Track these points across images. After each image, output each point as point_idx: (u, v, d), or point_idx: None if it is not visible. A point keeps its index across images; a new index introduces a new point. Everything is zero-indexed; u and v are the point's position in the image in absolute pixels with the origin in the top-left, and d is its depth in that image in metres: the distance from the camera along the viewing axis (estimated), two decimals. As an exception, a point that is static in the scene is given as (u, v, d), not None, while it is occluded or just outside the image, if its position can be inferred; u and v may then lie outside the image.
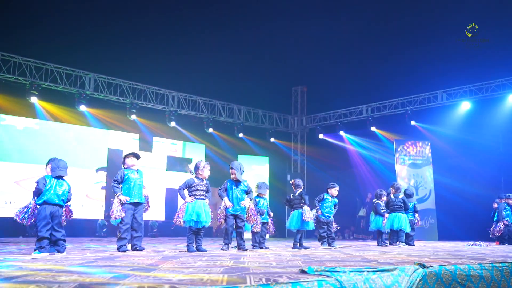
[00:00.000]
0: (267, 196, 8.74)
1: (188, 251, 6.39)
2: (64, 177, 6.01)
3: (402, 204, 9.51)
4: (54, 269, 3.70)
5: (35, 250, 5.68)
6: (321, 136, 18.49)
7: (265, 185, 8.61)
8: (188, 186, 6.73)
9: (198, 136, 17.64)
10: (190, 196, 6.68)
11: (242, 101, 17.91)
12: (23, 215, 5.84)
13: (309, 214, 8.12)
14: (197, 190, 6.69)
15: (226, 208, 7.10)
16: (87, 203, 14.36)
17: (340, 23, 16.97)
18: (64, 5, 15.02)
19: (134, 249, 6.59)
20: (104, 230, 14.52)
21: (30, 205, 5.89)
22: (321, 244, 8.54)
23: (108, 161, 15.50)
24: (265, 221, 8.48)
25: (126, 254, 5.47)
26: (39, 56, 13.64)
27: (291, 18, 17.50)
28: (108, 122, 15.69)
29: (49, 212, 5.73)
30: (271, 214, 8.77)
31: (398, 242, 9.28)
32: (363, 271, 3.32)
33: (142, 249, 6.60)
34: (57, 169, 5.87)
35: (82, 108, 14.38)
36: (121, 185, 6.62)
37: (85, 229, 14.27)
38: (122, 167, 6.89)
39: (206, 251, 6.48)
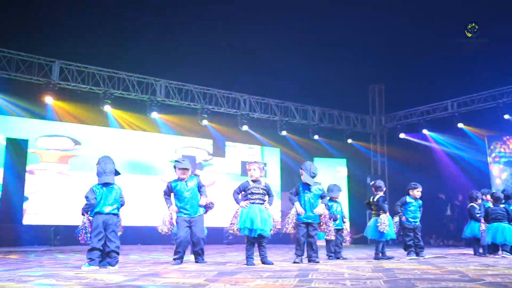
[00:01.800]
0: (340, 199, 7.89)
1: (247, 264, 5.72)
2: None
3: (505, 213, 8.08)
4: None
5: (86, 263, 5.26)
6: (402, 135, 17.41)
7: (337, 188, 7.73)
8: (243, 189, 6.05)
9: (271, 140, 17.20)
10: (245, 200, 5.99)
11: (316, 102, 17.26)
12: (86, 235, 5.36)
13: (385, 225, 7.18)
14: (252, 193, 5.95)
15: (298, 215, 6.36)
16: (159, 211, 14.23)
17: (418, 15, 15.71)
18: (134, 14, 15.16)
19: (196, 262, 6.22)
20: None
21: (85, 223, 5.37)
22: (408, 254, 7.52)
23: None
24: (340, 227, 7.61)
25: (180, 269, 4.97)
26: (111, 65, 13.85)
27: (366, 11, 16.44)
28: (180, 128, 15.64)
29: (101, 221, 5.29)
30: (346, 220, 7.91)
31: (501, 252, 7.95)
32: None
33: (204, 263, 6.15)
34: (103, 175, 5.40)
35: (154, 115, 14.42)
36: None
37: (158, 236, 14.18)
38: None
39: (272, 263, 5.77)
